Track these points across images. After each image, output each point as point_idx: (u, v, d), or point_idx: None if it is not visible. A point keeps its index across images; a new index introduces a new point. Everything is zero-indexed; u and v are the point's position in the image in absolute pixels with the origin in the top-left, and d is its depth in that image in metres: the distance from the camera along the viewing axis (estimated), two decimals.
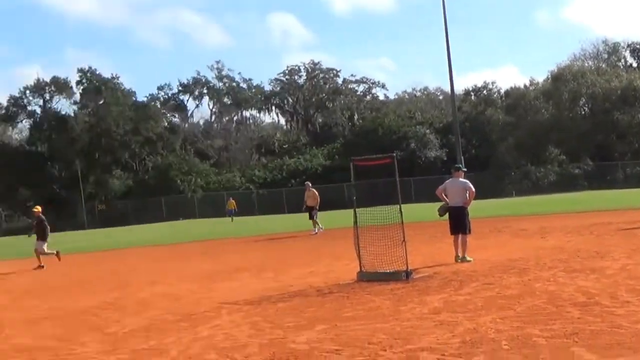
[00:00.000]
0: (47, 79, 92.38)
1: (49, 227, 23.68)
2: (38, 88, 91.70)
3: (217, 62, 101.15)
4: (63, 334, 9.98)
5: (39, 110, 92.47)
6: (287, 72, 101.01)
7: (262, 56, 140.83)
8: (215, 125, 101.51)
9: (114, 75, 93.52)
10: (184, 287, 14.66)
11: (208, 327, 9.73)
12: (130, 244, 33.54)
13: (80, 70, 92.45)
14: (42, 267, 22.55)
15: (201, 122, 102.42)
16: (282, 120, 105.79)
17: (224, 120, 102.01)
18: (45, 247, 23.08)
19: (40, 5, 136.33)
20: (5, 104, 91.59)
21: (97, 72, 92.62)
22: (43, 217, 24.01)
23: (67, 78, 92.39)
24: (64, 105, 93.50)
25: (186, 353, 8.20)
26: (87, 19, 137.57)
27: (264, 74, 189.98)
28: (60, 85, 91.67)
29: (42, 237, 23.10)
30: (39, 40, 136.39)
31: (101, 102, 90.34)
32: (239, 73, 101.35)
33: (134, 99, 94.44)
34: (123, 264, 22.26)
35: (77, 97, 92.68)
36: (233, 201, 60.65)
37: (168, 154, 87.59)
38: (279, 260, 19.16)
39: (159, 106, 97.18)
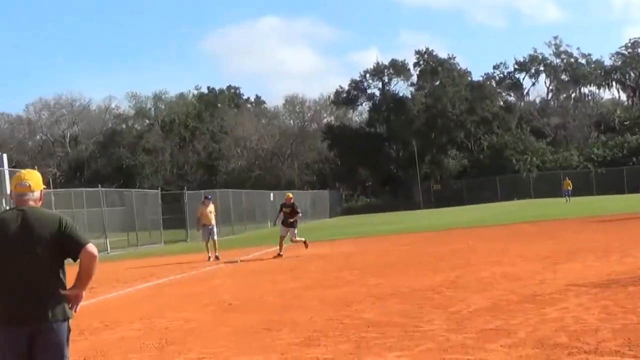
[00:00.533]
0: (385, 62, 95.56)
1: (300, 213, 24.31)
2: (377, 71, 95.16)
3: (555, 38, 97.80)
4: (409, 310, 10.08)
5: (377, 93, 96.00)
6: (629, 45, 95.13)
7: (601, 29, 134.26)
8: (552, 102, 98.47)
9: (450, 56, 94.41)
10: (524, 267, 14.28)
11: (555, 309, 9.29)
12: (465, 224, 33.63)
13: (418, 52, 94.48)
14: (280, 255, 23.05)
15: (537, 100, 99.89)
16: (623, 96, 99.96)
17: (561, 97, 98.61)
18: (296, 233, 23.57)
19: None
20: (346, 87, 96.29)
21: (434, 54, 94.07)
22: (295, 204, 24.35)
23: (404, 60, 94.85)
24: (401, 87, 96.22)
25: (534, 335, 7.86)
26: (422, 1, 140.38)
27: (603, 48, 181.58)
28: (398, 68, 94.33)
29: (293, 224, 23.48)
30: (376, 25, 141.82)
31: (437, 82, 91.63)
32: (578, 48, 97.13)
33: (470, 78, 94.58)
34: (462, 243, 22.28)
35: (414, 78, 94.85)
36: (569, 181, 58.58)
37: (503, 133, 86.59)
38: (623, 242, 18.05)
39: (494, 85, 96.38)
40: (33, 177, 5.00)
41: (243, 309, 11.51)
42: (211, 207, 24.20)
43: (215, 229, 23.68)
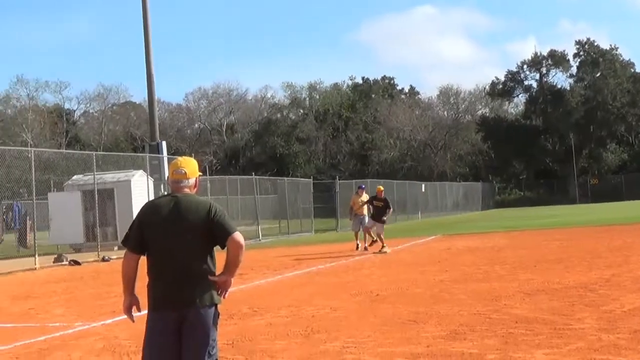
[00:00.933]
0: (544, 53, 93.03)
1: (392, 209, 23.34)
2: (535, 62, 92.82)
3: None
4: (559, 307, 9.78)
5: (535, 84, 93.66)
6: None
7: None
8: None
9: (612, 47, 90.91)
10: None
11: None
12: (623, 220, 32.26)
13: (578, 43, 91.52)
14: (365, 249, 22.72)
15: None
16: None
17: None
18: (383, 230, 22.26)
19: None
20: (502, 79, 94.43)
21: (595, 44, 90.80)
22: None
23: (564, 51, 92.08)
24: (559, 79, 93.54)
25: None
26: None
27: None
28: (557, 59, 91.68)
29: (383, 220, 22.25)
30: (534, 14, 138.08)
31: (598, 74, 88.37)
32: None
33: (632, 70, 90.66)
34: (619, 240, 21.40)
35: (574, 70, 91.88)
36: None
37: None
38: None
39: None
40: (189, 165, 5.14)
41: (390, 300, 11.50)
42: (364, 197, 24.28)
43: (366, 219, 23.72)
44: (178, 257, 4.80)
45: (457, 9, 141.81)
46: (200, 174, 5.32)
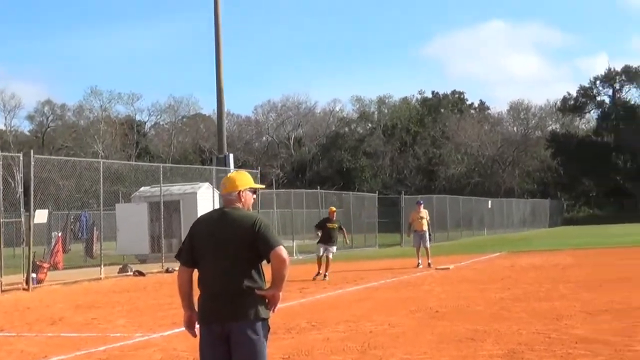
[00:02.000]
0: (617, 68, 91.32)
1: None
2: (608, 78, 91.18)
3: None
4: (622, 328, 9.56)
5: (607, 100, 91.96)
6: None
7: None
8: None
9: None
10: None
11: None
12: None
13: None
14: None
15: None
16: None
17: None
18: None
19: None
20: (574, 94, 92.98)
21: None
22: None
23: (638, 66, 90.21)
24: (633, 95, 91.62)
25: None
26: None
27: None
28: (631, 74, 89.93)
29: (334, 242, 20.71)
30: (606, 29, 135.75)
31: None
32: None
33: None
34: None
35: None
36: None
37: None
38: None
39: None
40: (236, 179, 5.19)
41: (449, 317, 11.41)
42: (423, 213, 24.04)
43: (427, 235, 23.50)
44: (223, 270, 4.85)
45: (527, 24, 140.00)
46: (260, 186, 5.37)
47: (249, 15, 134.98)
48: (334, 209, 21.74)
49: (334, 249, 20.70)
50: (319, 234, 20.69)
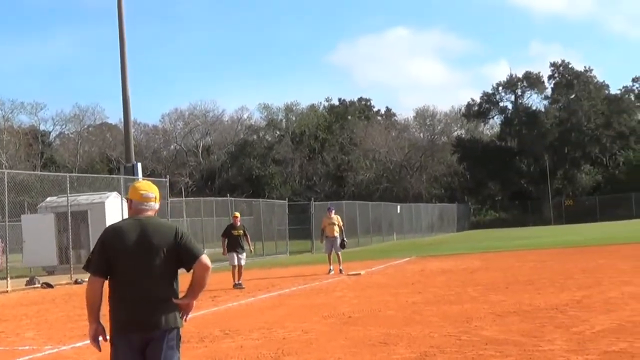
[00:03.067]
0: (519, 75, 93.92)
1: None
2: (510, 84, 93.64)
3: None
4: (530, 329, 9.81)
5: (510, 106, 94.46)
6: None
7: None
8: None
9: (587, 69, 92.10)
10: None
11: None
12: (597, 242, 32.50)
13: (553, 65, 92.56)
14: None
15: None
16: None
17: None
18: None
19: (507, 2, 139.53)
20: (478, 100, 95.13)
21: (570, 66, 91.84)
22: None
23: (539, 73, 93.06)
24: (534, 101, 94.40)
25: None
26: (553, 11, 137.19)
27: None
28: (532, 80, 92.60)
29: (243, 249, 20.45)
30: (505, 36, 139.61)
31: (572, 96, 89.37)
32: None
33: (607, 92, 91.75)
34: (591, 262, 21.54)
35: (549, 91, 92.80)
36: None
37: None
38: None
39: (632, 99, 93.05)
40: (155, 190, 5.16)
41: (362, 322, 11.49)
42: (334, 219, 24.13)
43: (338, 241, 23.62)
44: (144, 280, 4.79)
45: (429, 31, 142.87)
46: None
47: (155, 23, 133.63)
48: (237, 214, 21.42)
49: (244, 255, 20.48)
50: (225, 242, 20.44)
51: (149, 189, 5.11)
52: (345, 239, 24.47)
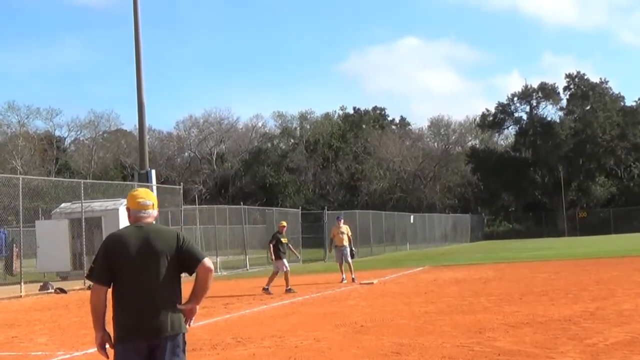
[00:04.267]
0: (534, 85, 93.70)
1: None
2: (525, 95, 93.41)
3: None
4: (543, 340, 9.77)
5: (525, 117, 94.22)
6: None
7: None
8: None
9: (603, 80, 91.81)
10: None
11: None
12: (611, 254, 32.33)
13: (568, 76, 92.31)
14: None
15: None
16: None
17: None
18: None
19: (517, 12, 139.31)
20: (493, 110, 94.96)
21: (585, 77, 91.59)
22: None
23: (554, 84, 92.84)
24: (549, 112, 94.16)
25: None
26: (564, 23, 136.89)
27: None
28: (547, 91, 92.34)
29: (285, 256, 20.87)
30: (517, 47, 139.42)
31: (588, 107, 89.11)
32: None
33: (622, 103, 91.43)
34: (605, 274, 21.43)
35: (564, 102, 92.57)
36: None
37: None
38: None
39: None
40: (152, 197, 5.23)
41: (374, 331, 11.47)
42: (343, 228, 24.11)
43: (347, 250, 23.58)
44: (149, 286, 4.82)
45: (440, 41, 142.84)
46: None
47: (170, 30, 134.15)
48: (284, 223, 21.97)
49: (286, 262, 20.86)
50: (274, 250, 20.68)
51: (146, 196, 5.17)
52: (354, 248, 24.50)
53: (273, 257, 20.65)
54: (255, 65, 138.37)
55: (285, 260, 20.62)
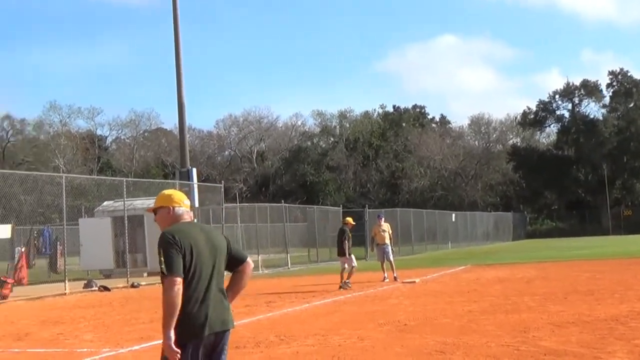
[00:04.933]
0: (576, 83, 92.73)
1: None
2: (567, 92, 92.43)
3: None
4: (589, 340, 9.63)
5: (567, 114, 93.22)
6: None
7: None
8: None
9: None
10: None
11: None
12: None
13: (611, 73, 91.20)
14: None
15: None
16: None
17: None
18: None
19: (555, 8, 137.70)
20: (534, 108, 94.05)
21: (629, 74, 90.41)
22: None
23: (596, 81, 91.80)
24: (592, 109, 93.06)
25: None
26: (603, 19, 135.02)
27: None
28: (589, 89, 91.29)
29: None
30: (556, 44, 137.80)
31: (631, 104, 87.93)
32: None
33: None
34: None
35: (607, 100, 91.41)
36: None
37: None
38: None
39: None
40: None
41: (418, 330, 11.40)
42: (385, 226, 24.05)
43: (389, 249, 23.51)
44: (214, 282, 4.86)
45: (477, 38, 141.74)
46: None
47: (210, 29, 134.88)
48: (351, 220, 22.31)
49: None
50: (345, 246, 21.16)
51: (184, 195, 5.21)
52: (392, 246, 24.46)
53: (347, 253, 21.00)
54: (295, 64, 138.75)
55: (353, 257, 21.13)
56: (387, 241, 23.61)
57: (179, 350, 4.64)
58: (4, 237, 21.94)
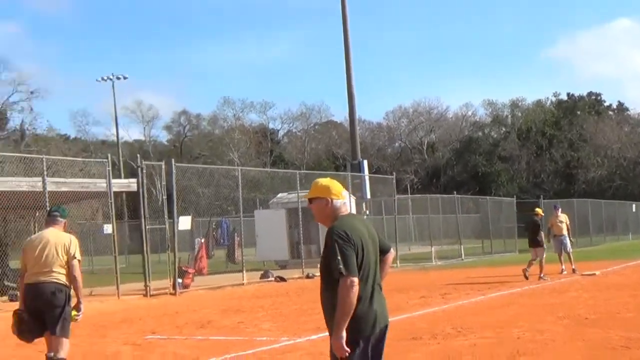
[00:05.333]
0: None
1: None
2: None
3: None
4: None
5: None
6: None
7: None
8: None
9: None
10: None
11: None
12: None
13: None
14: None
15: None
16: None
17: None
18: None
19: None
20: None
21: None
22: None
23: None
24: None
25: None
26: None
27: None
28: None
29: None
30: None
31: None
32: None
33: None
34: None
35: None
36: None
37: None
38: None
39: None
40: None
41: (600, 324, 11.00)
42: (562, 217, 23.35)
43: (567, 240, 22.78)
44: (378, 275, 4.88)
45: None
46: None
47: (377, 21, 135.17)
48: (541, 211, 22.68)
49: None
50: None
51: (341, 187, 5.08)
52: (572, 239, 23.91)
53: (544, 244, 21.40)
54: (463, 53, 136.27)
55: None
56: (565, 232, 22.92)
57: (349, 350, 4.62)
58: (185, 229, 22.90)
